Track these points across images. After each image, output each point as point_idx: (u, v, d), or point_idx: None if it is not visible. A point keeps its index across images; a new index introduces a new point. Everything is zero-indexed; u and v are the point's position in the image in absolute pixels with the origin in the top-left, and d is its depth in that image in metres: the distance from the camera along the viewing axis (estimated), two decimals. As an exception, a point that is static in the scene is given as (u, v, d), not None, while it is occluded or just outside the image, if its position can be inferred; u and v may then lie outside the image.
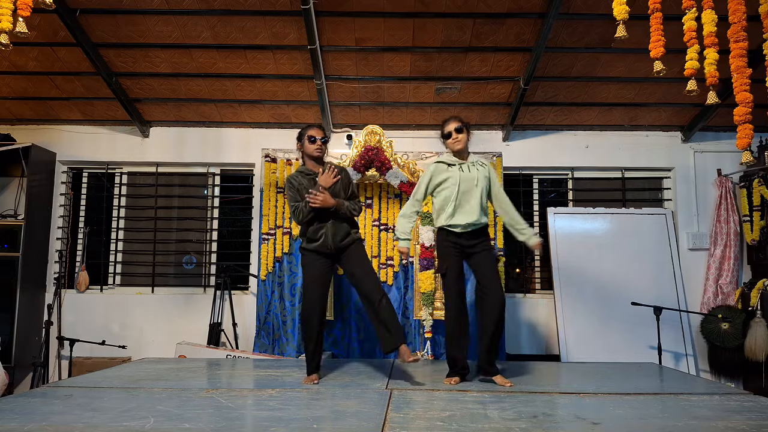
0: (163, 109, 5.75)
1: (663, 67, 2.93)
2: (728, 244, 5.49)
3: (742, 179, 5.60)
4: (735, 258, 5.48)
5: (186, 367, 3.87)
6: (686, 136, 5.83)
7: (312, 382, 3.29)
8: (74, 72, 5.25)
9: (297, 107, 5.68)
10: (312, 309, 3.35)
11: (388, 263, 5.11)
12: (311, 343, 3.37)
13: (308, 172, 3.46)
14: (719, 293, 5.44)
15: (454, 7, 4.59)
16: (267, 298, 5.08)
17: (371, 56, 5.10)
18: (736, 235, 5.51)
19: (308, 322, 3.36)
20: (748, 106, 2.76)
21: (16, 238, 5.28)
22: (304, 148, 3.47)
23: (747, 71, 2.79)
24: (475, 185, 3.39)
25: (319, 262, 3.39)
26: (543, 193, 6.06)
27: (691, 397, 2.85)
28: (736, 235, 5.51)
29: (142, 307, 5.67)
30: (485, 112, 5.73)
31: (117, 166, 5.99)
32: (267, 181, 5.22)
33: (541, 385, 3.23)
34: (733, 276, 5.46)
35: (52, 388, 3.12)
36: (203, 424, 2.26)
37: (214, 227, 6.00)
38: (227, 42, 4.93)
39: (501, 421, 2.34)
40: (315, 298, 3.36)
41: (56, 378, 5.31)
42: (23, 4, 2.79)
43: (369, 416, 2.39)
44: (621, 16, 2.91)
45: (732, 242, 5.49)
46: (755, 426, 2.26)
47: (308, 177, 3.43)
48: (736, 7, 2.80)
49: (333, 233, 3.36)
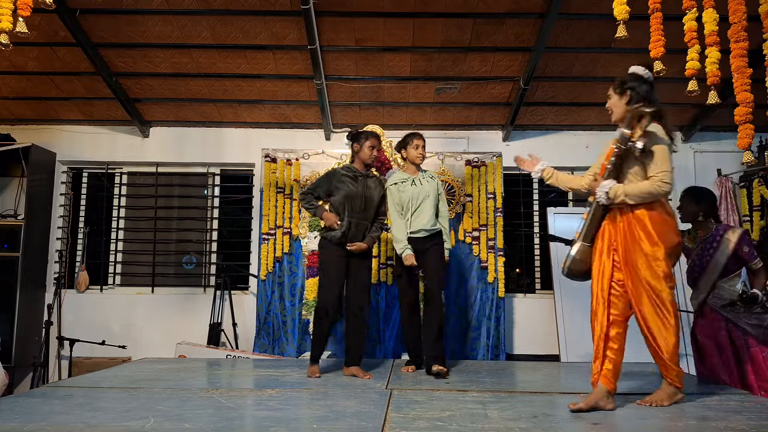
0: (163, 109, 5.75)
1: (663, 67, 2.93)
2: (728, 244, 5.48)
3: (742, 179, 5.60)
4: (735, 258, 5.47)
5: (186, 367, 3.87)
6: (686, 136, 5.83)
7: (314, 375, 3.42)
8: (74, 72, 5.24)
9: (297, 107, 5.68)
10: (331, 292, 3.54)
11: (388, 263, 5.11)
12: (325, 327, 3.55)
13: (355, 171, 3.69)
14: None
15: (454, 7, 4.59)
16: (267, 298, 5.08)
17: (371, 56, 5.10)
18: (736, 235, 5.50)
19: (324, 307, 3.54)
20: (748, 106, 2.76)
21: (16, 238, 5.28)
22: (361, 152, 3.67)
23: (747, 71, 2.79)
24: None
25: (336, 252, 3.58)
26: (543, 193, 6.06)
27: (691, 397, 2.84)
28: (736, 235, 5.50)
29: (142, 307, 5.67)
30: (485, 112, 5.73)
31: (117, 166, 5.99)
32: (267, 181, 5.22)
33: (541, 385, 3.22)
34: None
35: (52, 388, 3.12)
36: (203, 424, 2.26)
37: (214, 227, 6.00)
38: (227, 42, 4.93)
39: (501, 421, 2.33)
40: (333, 280, 3.56)
41: (56, 378, 5.30)
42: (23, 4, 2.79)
43: (369, 416, 2.39)
44: (621, 16, 2.91)
45: (732, 242, 5.48)
46: (755, 426, 2.26)
47: (353, 175, 3.66)
48: (736, 7, 2.80)
49: (353, 233, 3.58)
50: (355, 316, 3.57)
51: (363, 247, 3.58)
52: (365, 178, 3.69)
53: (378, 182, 3.80)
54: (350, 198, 3.59)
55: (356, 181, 3.63)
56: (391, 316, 5.08)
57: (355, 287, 3.61)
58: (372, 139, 3.67)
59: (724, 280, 3.33)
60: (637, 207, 2.54)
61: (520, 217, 5.94)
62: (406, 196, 3.73)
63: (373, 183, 3.74)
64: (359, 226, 3.60)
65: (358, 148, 3.69)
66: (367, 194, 3.64)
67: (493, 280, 5.12)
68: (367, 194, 3.64)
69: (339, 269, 3.55)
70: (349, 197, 3.59)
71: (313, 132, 5.86)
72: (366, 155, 3.65)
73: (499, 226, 5.21)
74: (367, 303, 3.64)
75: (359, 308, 3.57)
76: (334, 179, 3.65)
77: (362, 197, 3.61)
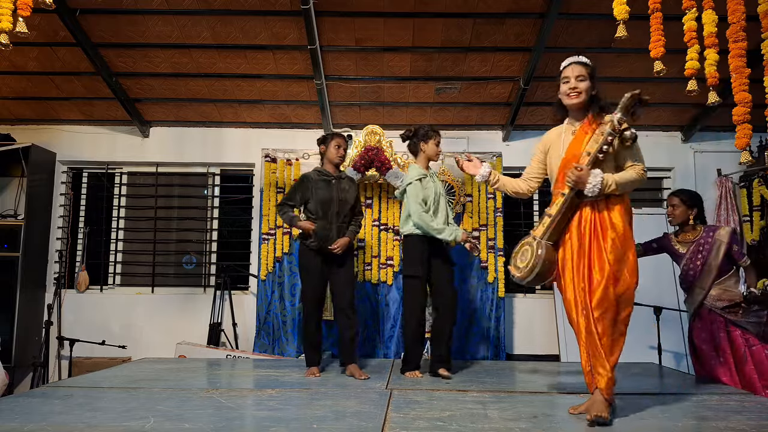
0: (163, 109, 5.75)
1: (663, 67, 2.93)
2: (728, 244, 5.48)
3: (742, 179, 5.60)
4: (735, 258, 5.48)
5: (186, 367, 3.88)
6: (686, 136, 5.83)
7: (313, 375, 3.45)
8: (74, 72, 5.24)
9: (297, 107, 5.68)
10: (312, 294, 3.59)
11: (387, 263, 5.11)
12: (311, 329, 3.60)
13: (326, 174, 3.69)
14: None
15: (454, 7, 4.59)
16: (267, 298, 5.08)
17: (371, 56, 5.10)
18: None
19: (306, 308, 3.63)
20: (746, 106, 2.76)
21: (16, 238, 5.28)
22: (327, 152, 3.69)
23: (746, 71, 2.79)
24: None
25: (315, 257, 3.59)
26: (543, 193, 6.05)
27: (691, 397, 2.85)
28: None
29: (142, 307, 5.67)
30: (485, 112, 5.73)
31: (117, 166, 5.99)
32: (267, 181, 5.22)
33: (541, 385, 3.23)
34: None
35: (52, 388, 3.12)
36: (203, 424, 2.26)
37: (214, 227, 6.00)
38: (227, 42, 4.93)
39: (501, 421, 2.34)
40: (314, 285, 3.59)
41: (56, 378, 5.31)
42: (23, 4, 2.79)
43: (369, 416, 2.39)
44: (621, 16, 2.91)
45: (732, 242, 5.48)
46: (755, 426, 2.26)
47: (325, 179, 3.66)
48: (735, 8, 2.79)
49: (332, 237, 3.59)
50: (344, 313, 3.58)
51: (346, 242, 3.59)
52: (338, 180, 3.69)
53: (351, 182, 3.81)
54: (324, 203, 3.61)
55: (329, 185, 3.65)
56: (391, 316, 5.09)
57: (339, 286, 3.62)
58: (337, 139, 3.69)
59: (720, 281, 3.34)
60: (611, 199, 2.42)
61: (520, 217, 5.94)
62: (429, 192, 3.65)
63: (347, 184, 3.75)
64: (339, 229, 3.62)
65: (324, 150, 3.72)
66: (341, 197, 3.66)
67: (493, 280, 5.12)
68: (341, 197, 3.66)
69: (319, 274, 3.59)
70: (324, 202, 3.61)
71: (313, 132, 5.86)
72: (332, 155, 3.66)
73: (499, 226, 5.21)
74: (353, 298, 3.63)
75: (347, 305, 3.58)
76: (309, 184, 3.65)
77: (337, 200, 3.63)
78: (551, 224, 2.48)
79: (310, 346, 3.61)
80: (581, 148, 2.47)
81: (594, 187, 2.35)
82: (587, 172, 2.36)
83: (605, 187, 2.36)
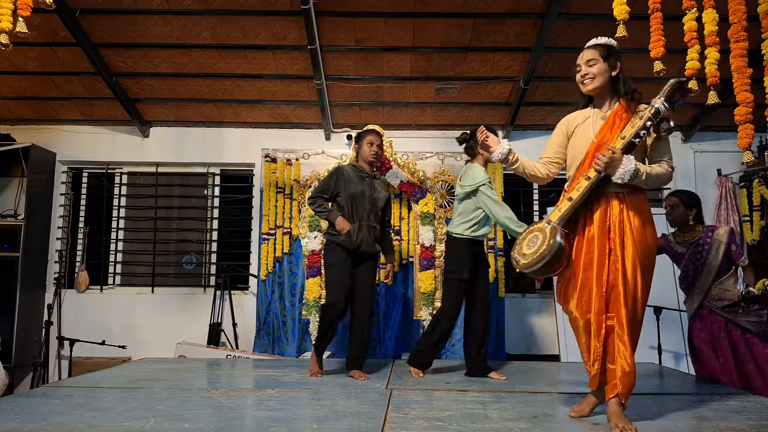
0: (163, 109, 5.75)
1: (663, 67, 2.93)
2: (728, 244, 5.48)
3: (742, 179, 5.60)
4: (735, 258, 5.48)
5: (186, 367, 3.87)
6: (686, 136, 5.83)
7: (316, 375, 3.44)
8: (74, 72, 5.24)
9: (297, 107, 5.68)
10: (341, 292, 3.44)
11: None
12: (331, 321, 3.46)
13: (361, 170, 3.64)
14: (719, 293, 5.43)
15: (454, 7, 4.59)
16: (267, 298, 5.08)
17: (371, 56, 5.10)
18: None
19: (335, 304, 3.44)
20: (748, 106, 2.76)
21: (16, 238, 5.28)
22: (361, 150, 3.65)
23: (747, 71, 2.78)
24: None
25: (343, 255, 3.50)
26: (543, 192, 6.06)
27: (691, 397, 2.85)
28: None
29: (142, 307, 5.67)
30: (485, 112, 5.73)
31: (117, 166, 5.99)
32: (267, 181, 5.22)
33: (541, 385, 3.23)
34: (733, 276, 5.45)
35: (52, 388, 3.12)
36: (203, 424, 2.26)
37: (214, 227, 6.00)
38: (227, 42, 4.93)
39: (501, 421, 2.34)
40: (340, 283, 3.46)
41: (56, 378, 5.31)
42: (23, 4, 2.79)
43: (369, 416, 2.39)
44: (621, 16, 2.91)
45: (732, 242, 5.49)
46: (755, 426, 2.26)
47: (359, 174, 3.61)
48: (736, 7, 2.79)
49: (363, 236, 3.51)
50: (360, 320, 3.50)
51: (392, 270, 3.78)
52: (371, 179, 3.64)
53: (384, 184, 3.74)
54: (356, 198, 3.53)
55: (363, 181, 3.58)
56: (391, 316, 5.09)
57: (361, 292, 3.53)
58: (369, 136, 3.63)
59: (720, 281, 3.34)
60: (635, 193, 2.29)
61: (520, 218, 5.90)
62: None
63: (380, 185, 3.69)
64: (369, 229, 3.53)
65: (358, 148, 3.67)
66: (373, 195, 3.59)
67: (493, 280, 5.12)
68: (373, 195, 3.59)
69: (345, 273, 3.47)
70: (356, 197, 3.53)
71: (313, 132, 5.87)
72: (366, 152, 3.61)
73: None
74: (372, 306, 3.57)
75: (365, 313, 3.50)
76: (342, 176, 3.58)
77: (369, 198, 3.56)
78: (571, 209, 2.32)
79: (325, 336, 3.47)
80: (614, 133, 2.32)
81: (625, 174, 2.18)
82: (621, 155, 2.19)
83: (638, 176, 2.21)
